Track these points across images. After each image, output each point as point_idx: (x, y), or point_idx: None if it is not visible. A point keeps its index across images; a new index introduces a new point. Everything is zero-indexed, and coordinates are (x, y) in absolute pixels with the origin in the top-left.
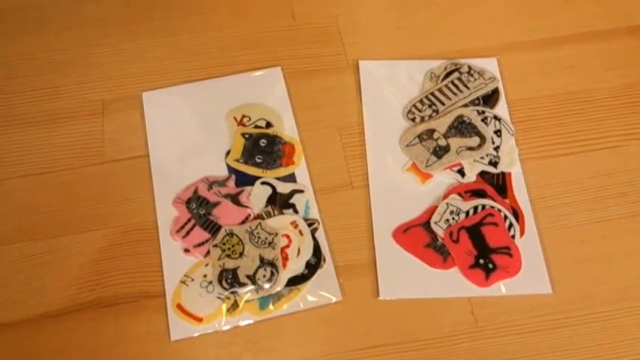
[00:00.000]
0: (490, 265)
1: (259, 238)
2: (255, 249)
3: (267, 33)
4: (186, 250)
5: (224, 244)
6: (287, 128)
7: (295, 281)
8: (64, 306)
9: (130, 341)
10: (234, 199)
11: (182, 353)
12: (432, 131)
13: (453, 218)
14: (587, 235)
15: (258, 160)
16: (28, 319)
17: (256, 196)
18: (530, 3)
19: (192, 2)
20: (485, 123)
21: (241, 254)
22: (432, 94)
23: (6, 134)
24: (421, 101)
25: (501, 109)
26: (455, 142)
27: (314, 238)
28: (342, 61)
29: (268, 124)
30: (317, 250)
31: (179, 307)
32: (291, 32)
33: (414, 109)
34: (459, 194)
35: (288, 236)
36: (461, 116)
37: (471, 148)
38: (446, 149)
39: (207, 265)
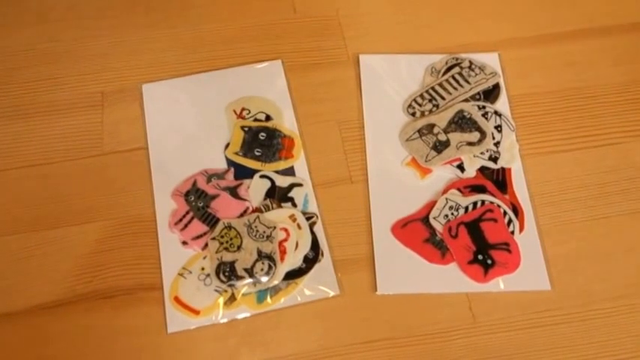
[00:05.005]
0: (489, 261)
1: (257, 231)
2: (253, 242)
3: (268, 26)
4: (185, 243)
5: (222, 236)
6: (287, 121)
7: (293, 275)
8: (62, 297)
9: (127, 333)
10: (233, 191)
11: (179, 346)
12: (432, 126)
13: (452, 213)
14: (587, 232)
15: (257, 154)
16: (25, 309)
17: (255, 189)
18: None
19: None
20: (486, 118)
21: (239, 247)
22: (433, 88)
23: (5, 125)
24: (421, 96)
25: (502, 104)
26: (455, 137)
27: (312, 232)
28: (342, 54)
29: (268, 117)
30: (315, 244)
31: (176, 299)
32: (291, 25)
33: (414, 104)
34: (459, 189)
35: (286, 230)
36: (461, 111)
37: (471, 144)
38: (446, 144)
39: (205, 257)
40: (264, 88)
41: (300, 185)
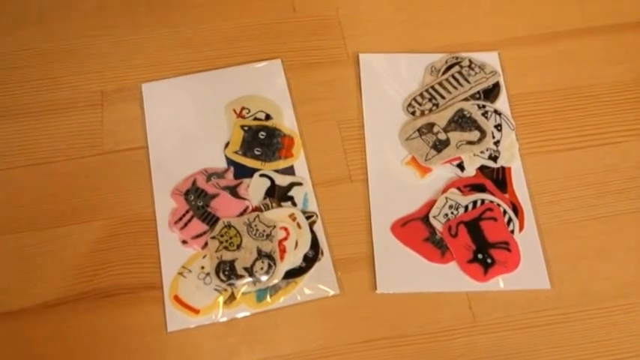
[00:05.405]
0: (488, 260)
1: (257, 230)
2: (253, 241)
3: (268, 25)
4: (184, 242)
5: (222, 235)
6: (286, 121)
7: (293, 274)
8: (62, 296)
9: (127, 332)
10: (233, 191)
11: (179, 344)
12: (431, 125)
13: (452, 212)
14: (587, 231)
15: (257, 153)
16: (26, 308)
17: (255, 189)
18: None
19: None
20: (486, 117)
21: (239, 246)
22: (433, 87)
23: (5, 124)
24: (421, 95)
25: (502, 103)
26: (455, 136)
27: (312, 231)
28: (342, 53)
29: (268, 117)
30: (315, 243)
31: (176, 298)
32: (291, 24)
33: (414, 103)
34: (458, 188)
35: (286, 229)
36: (461, 110)
37: (470, 143)
38: (445, 143)
39: (204, 256)
40: (263, 87)
41: (299, 184)
